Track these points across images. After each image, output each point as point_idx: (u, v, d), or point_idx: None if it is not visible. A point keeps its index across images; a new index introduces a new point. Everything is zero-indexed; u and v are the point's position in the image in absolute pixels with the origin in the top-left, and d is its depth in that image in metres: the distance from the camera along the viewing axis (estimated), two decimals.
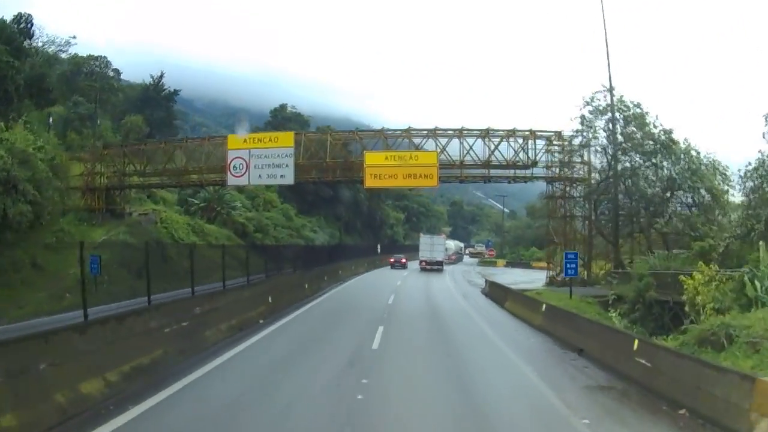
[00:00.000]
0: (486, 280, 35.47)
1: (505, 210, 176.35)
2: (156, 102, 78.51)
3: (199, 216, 53.25)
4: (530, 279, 49.90)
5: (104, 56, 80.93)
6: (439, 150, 32.65)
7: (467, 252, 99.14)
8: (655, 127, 32.13)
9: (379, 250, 66.14)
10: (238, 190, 66.50)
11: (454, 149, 33.66)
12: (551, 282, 36.91)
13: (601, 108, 33.41)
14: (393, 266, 61.27)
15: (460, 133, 33.61)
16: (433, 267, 57.28)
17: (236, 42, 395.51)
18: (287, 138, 34.09)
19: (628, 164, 33.49)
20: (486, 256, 76.54)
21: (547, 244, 40.22)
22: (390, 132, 33.54)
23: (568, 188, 35.42)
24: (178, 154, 38.93)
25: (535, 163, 34.28)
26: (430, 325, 21.22)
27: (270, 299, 22.94)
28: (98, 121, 64.46)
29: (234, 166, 34.77)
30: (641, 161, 32.42)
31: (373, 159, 32.15)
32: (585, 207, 35.93)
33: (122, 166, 41.99)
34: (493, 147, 33.85)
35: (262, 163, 34.08)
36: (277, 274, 28.54)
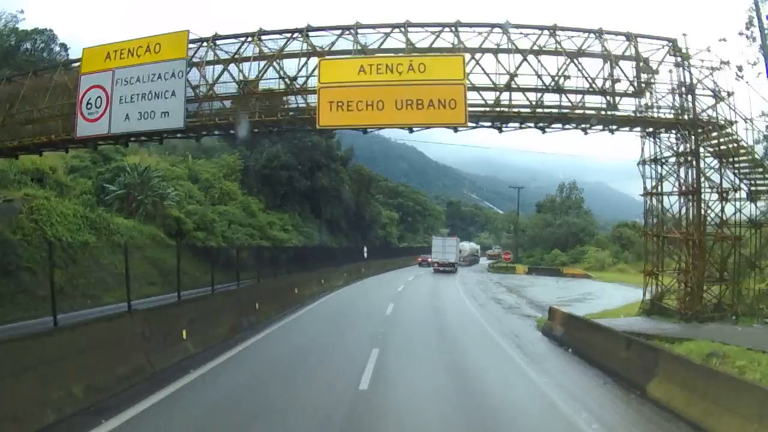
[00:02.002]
0: (553, 311, 18.13)
1: (500, 211, 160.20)
2: None
3: (116, 207, 36.80)
4: (580, 295, 33.23)
5: (50, 29, 66.02)
6: (467, 60, 15.90)
7: (486, 254, 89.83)
8: None
9: (365, 255, 49.08)
10: (192, 179, 50.54)
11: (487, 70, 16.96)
12: (652, 307, 20.26)
13: None
14: (420, 264, 62.83)
15: (505, 36, 16.88)
16: (445, 269, 53.27)
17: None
18: (176, 43, 17.23)
19: None
20: (502, 260, 59.76)
21: (644, 239, 23.26)
22: (368, 29, 16.63)
23: (702, 140, 18.64)
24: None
25: (642, 90, 17.61)
26: None
27: None
28: None
29: (88, 103, 18.22)
30: None
31: (335, 71, 15.40)
32: (738, 175, 19.16)
33: None
34: (562, 63, 17.19)
35: (133, 93, 17.43)
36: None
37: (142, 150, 57.62)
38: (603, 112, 17.77)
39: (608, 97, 17.40)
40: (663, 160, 20.01)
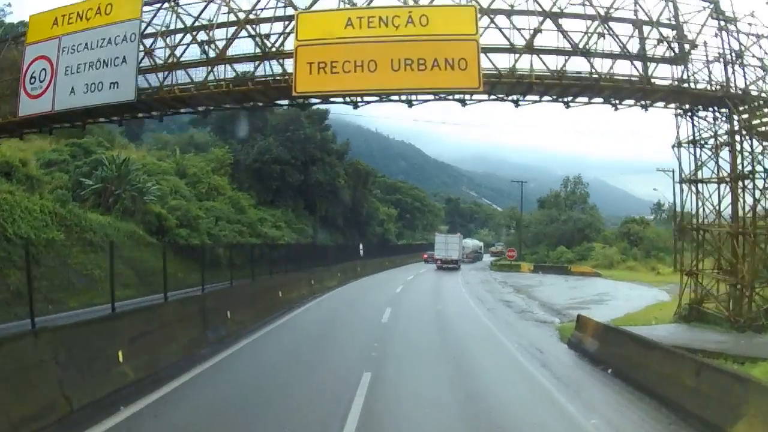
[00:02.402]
0: (583, 321, 14.91)
1: (499, 208, 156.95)
2: None
3: (92, 203, 34.01)
4: (595, 295, 30.36)
5: None
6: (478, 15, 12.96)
7: (489, 251, 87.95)
8: None
9: (362, 252, 45.92)
10: (180, 174, 47.63)
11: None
12: (690, 313, 17.32)
13: None
14: (426, 261, 61.29)
15: None
16: (449, 266, 52.04)
17: None
18: (130, 2, 14.35)
19: None
20: (505, 257, 56.51)
21: (678, 234, 20.26)
22: None
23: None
24: None
25: (685, 56, 14.70)
26: None
27: None
28: None
29: (31, 77, 15.36)
30: None
31: (316, 26, 12.52)
32: None
33: None
34: (590, 25, 14.31)
35: (80, 63, 14.53)
36: None
37: (130, 145, 54.90)
38: (639, 85, 14.87)
39: (643, 64, 14.50)
40: (702, 142, 17.13)
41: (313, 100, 16.43)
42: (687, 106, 16.81)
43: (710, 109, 16.69)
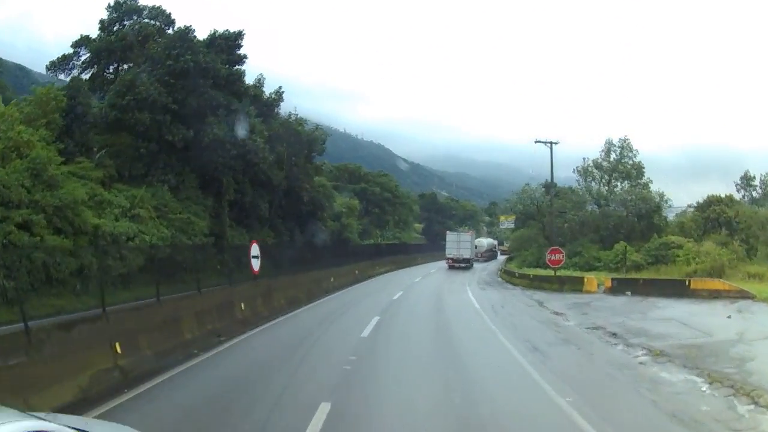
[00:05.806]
0: None
1: (476, 205, 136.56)
2: None
3: None
4: None
5: None
6: None
7: (499, 249, 79.90)
8: None
9: (255, 266, 19.14)
10: None
11: None
12: None
13: None
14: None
15: None
16: (461, 265, 49.27)
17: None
18: None
19: None
20: (547, 264, 32.29)
21: None
22: None
23: None
24: None
25: None
26: None
27: None
28: None
29: None
30: None
31: None
32: None
33: None
34: None
35: None
36: None
37: None
38: None
39: None
40: None
41: None
42: None
43: None
